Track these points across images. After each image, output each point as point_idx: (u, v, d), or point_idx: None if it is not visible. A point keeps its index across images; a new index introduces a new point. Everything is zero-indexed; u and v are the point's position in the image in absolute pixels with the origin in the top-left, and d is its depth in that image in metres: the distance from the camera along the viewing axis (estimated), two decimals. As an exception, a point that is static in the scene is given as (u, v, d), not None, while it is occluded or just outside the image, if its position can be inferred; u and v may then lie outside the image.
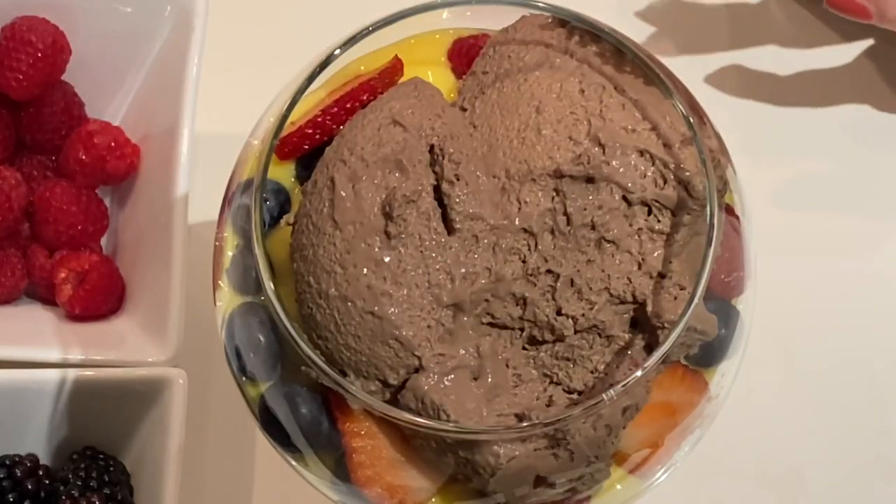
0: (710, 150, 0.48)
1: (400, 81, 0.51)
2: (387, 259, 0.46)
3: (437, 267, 0.47)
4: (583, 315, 0.47)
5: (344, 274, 0.46)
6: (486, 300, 0.47)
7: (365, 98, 0.50)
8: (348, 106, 0.50)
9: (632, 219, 0.47)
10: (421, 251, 0.46)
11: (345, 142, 0.48)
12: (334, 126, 0.50)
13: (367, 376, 0.46)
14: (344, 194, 0.46)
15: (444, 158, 0.47)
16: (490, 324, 0.47)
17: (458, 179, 0.47)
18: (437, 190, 0.47)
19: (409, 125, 0.47)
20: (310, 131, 0.51)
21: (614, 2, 0.81)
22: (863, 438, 0.72)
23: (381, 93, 0.50)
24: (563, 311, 0.47)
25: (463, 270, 0.47)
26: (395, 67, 0.51)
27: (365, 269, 0.46)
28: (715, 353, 0.50)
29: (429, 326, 0.46)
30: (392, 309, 0.46)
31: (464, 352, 0.47)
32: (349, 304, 0.46)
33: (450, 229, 0.47)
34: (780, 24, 0.82)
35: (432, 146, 0.47)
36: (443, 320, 0.46)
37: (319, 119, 0.50)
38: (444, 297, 0.46)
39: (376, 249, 0.46)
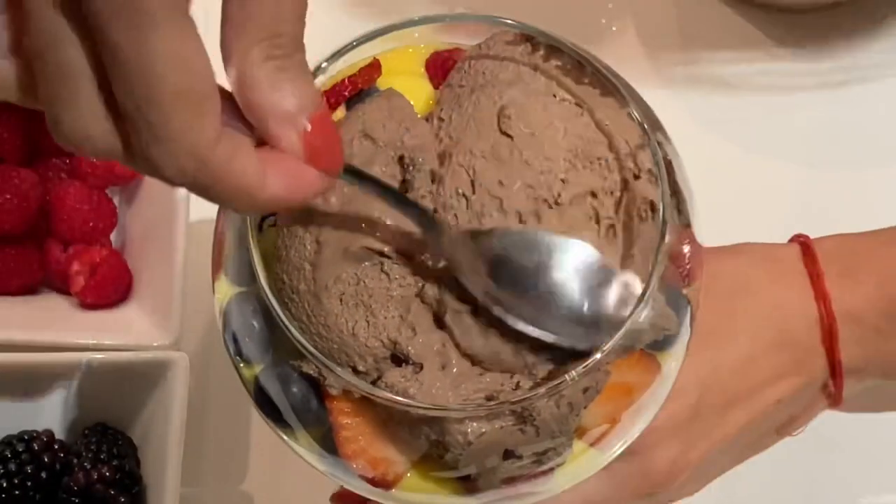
0: (663, 155, 0.47)
1: (378, 86, 0.51)
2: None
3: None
4: None
5: (312, 271, 0.46)
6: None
7: (346, 94, 0.50)
8: (332, 101, 0.50)
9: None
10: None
11: None
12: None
13: (340, 363, 0.46)
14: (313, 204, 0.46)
15: (413, 168, 0.47)
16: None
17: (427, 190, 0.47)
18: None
19: (380, 138, 0.47)
20: None
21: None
22: (863, 437, 0.72)
23: (362, 88, 0.50)
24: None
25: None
26: (374, 66, 0.51)
27: (329, 268, 0.46)
28: (668, 338, 0.49)
29: (394, 317, 0.46)
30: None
31: (426, 340, 0.46)
32: (317, 299, 0.46)
33: None
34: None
35: (402, 157, 0.47)
36: (403, 314, 0.46)
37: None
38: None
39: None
